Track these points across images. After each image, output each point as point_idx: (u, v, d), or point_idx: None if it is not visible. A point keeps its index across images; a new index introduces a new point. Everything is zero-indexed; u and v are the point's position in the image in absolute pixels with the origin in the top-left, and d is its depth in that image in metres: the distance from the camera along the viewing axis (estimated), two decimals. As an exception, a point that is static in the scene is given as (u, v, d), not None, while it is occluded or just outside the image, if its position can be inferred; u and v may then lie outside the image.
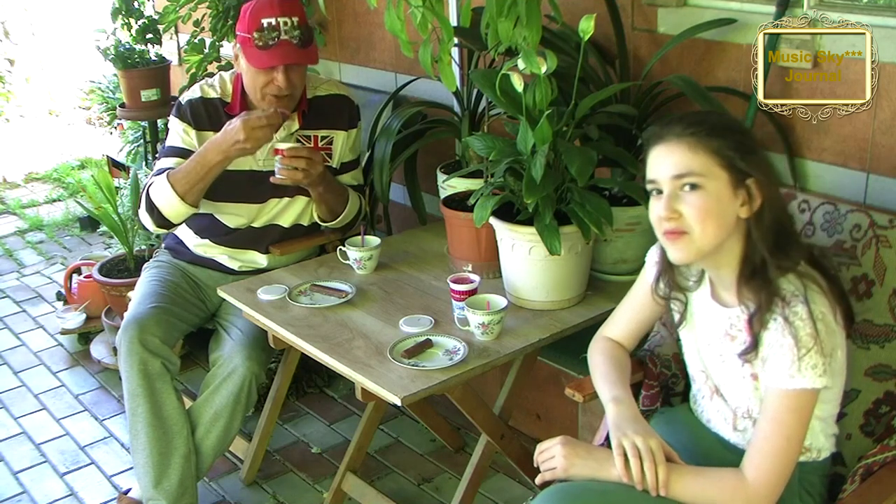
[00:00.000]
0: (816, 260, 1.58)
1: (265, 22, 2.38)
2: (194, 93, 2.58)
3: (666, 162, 1.52)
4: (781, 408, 1.49)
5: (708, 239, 1.52)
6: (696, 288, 1.70)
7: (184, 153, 2.51)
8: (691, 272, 1.70)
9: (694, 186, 1.50)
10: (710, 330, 1.65)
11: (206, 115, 2.54)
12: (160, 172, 2.50)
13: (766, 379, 1.51)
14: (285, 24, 2.39)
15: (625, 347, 1.85)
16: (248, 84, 2.50)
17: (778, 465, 1.49)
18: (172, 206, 2.46)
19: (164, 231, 2.62)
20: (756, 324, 1.52)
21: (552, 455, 1.62)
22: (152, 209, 2.48)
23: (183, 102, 2.57)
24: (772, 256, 1.52)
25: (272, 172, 2.47)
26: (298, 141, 2.59)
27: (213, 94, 2.57)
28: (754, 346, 1.53)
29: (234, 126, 2.37)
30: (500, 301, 2.08)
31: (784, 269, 1.52)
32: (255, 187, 2.56)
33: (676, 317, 1.75)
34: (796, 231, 1.63)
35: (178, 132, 2.55)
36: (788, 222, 1.59)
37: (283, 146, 2.43)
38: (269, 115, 2.38)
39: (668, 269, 1.70)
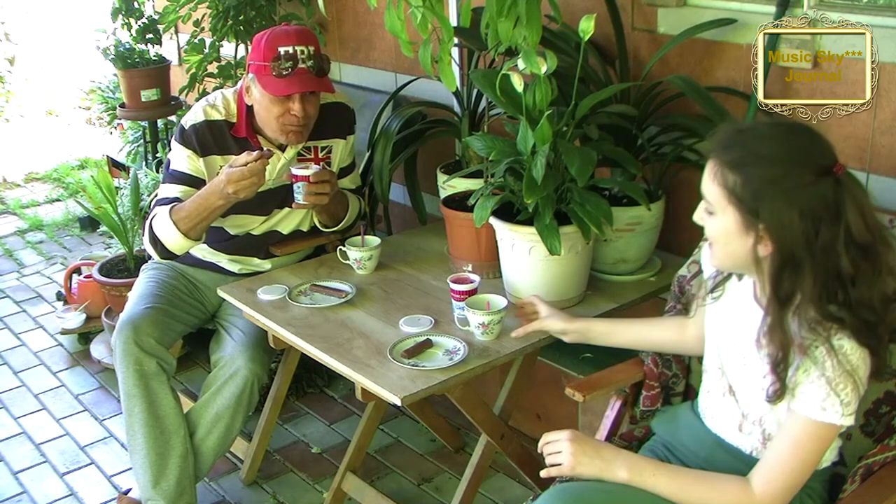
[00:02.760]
0: (858, 308, 1.44)
1: (282, 50, 2.36)
2: (197, 116, 2.51)
3: (703, 176, 1.52)
4: (804, 434, 1.47)
5: (720, 260, 1.56)
6: (742, 276, 1.65)
7: (190, 180, 2.48)
8: None
9: (709, 210, 1.52)
10: (741, 330, 1.60)
11: (213, 140, 2.50)
12: (163, 202, 2.47)
13: (795, 403, 1.47)
14: (302, 52, 2.37)
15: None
16: (262, 115, 2.46)
17: (788, 485, 1.49)
18: (176, 242, 2.44)
19: (170, 261, 2.60)
20: (782, 371, 1.46)
21: (559, 450, 1.60)
22: (156, 242, 2.46)
23: (186, 128, 2.50)
24: (783, 309, 1.45)
25: (282, 188, 2.47)
26: (300, 154, 2.58)
27: (217, 116, 2.51)
28: (783, 391, 1.47)
29: (221, 179, 2.33)
30: (500, 301, 2.08)
31: (802, 318, 1.44)
32: (263, 203, 2.55)
33: (713, 283, 1.69)
34: (830, 285, 1.43)
35: (183, 158, 2.50)
36: (820, 273, 1.42)
37: (304, 172, 2.39)
38: (252, 166, 2.30)
39: None
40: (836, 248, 1.41)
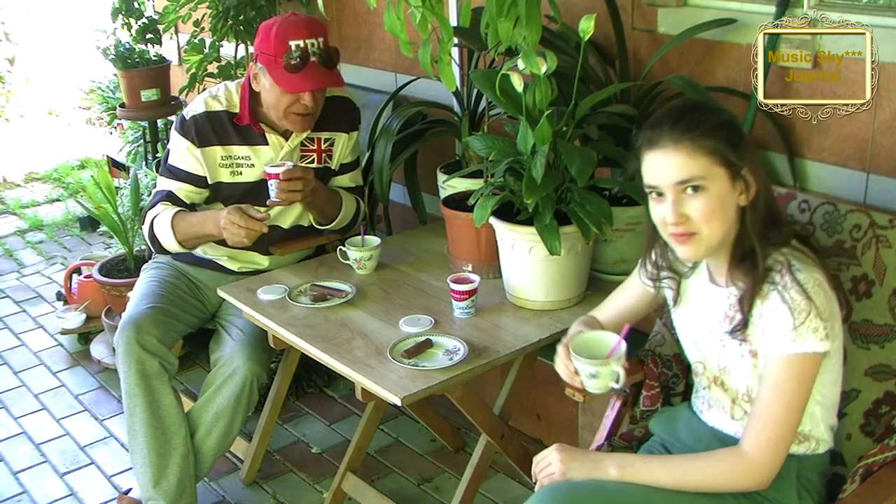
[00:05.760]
0: (804, 238, 1.62)
1: (293, 44, 2.37)
2: (198, 107, 2.53)
3: (666, 168, 1.53)
4: (783, 374, 1.49)
5: (716, 236, 1.56)
6: (690, 274, 1.71)
7: (186, 176, 2.52)
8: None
9: (697, 188, 1.52)
10: (710, 315, 1.65)
11: (212, 130, 2.52)
12: (161, 195, 2.53)
13: (766, 348, 1.52)
14: (313, 45, 2.39)
15: (600, 324, 1.86)
16: (270, 103, 2.47)
17: (778, 435, 1.50)
18: (171, 246, 2.52)
19: (168, 257, 2.68)
20: (747, 303, 1.55)
21: (549, 462, 1.63)
22: (154, 239, 2.53)
23: (186, 118, 2.53)
24: (762, 239, 1.55)
25: None
26: (302, 143, 2.59)
27: (217, 107, 2.53)
28: (745, 323, 1.55)
29: (223, 214, 2.39)
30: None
31: (773, 249, 1.55)
32: (263, 194, 2.56)
33: (670, 295, 1.75)
34: (782, 210, 1.67)
35: (181, 150, 2.52)
36: (775, 202, 1.62)
37: (275, 170, 2.41)
38: (251, 225, 2.36)
39: (657, 249, 1.72)
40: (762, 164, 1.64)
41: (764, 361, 1.53)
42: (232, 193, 2.55)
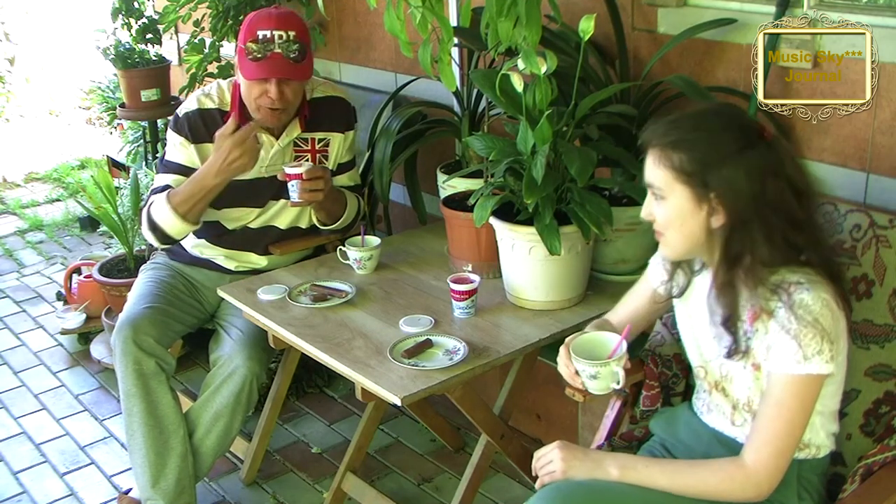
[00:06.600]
0: (820, 254, 1.56)
1: (260, 34, 2.38)
2: (191, 105, 2.55)
3: (645, 168, 1.57)
4: (786, 393, 1.49)
5: (677, 243, 1.58)
6: (700, 272, 1.69)
7: (182, 169, 2.52)
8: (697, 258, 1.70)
9: (659, 196, 1.56)
10: (714, 321, 1.64)
11: (204, 127, 2.53)
12: (159, 190, 2.52)
13: (770, 366, 1.51)
14: (280, 37, 2.38)
15: (613, 327, 1.85)
16: (244, 94, 2.49)
17: (778, 450, 1.50)
18: (174, 227, 2.46)
19: (169, 246, 2.63)
20: (732, 326, 1.55)
21: (550, 460, 1.63)
22: (155, 228, 2.49)
23: (180, 115, 2.55)
24: (731, 269, 1.53)
25: (277, 177, 2.48)
26: (296, 144, 2.59)
27: (210, 105, 2.55)
28: (736, 346, 1.55)
29: (225, 146, 2.37)
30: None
31: (755, 279, 1.51)
32: (257, 192, 2.56)
33: (676, 289, 1.73)
34: (787, 234, 1.51)
35: (176, 146, 2.54)
36: (774, 226, 1.50)
37: (296, 170, 2.40)
38: (241, 133, 2.37)
39: None
40: (785, 199, 1.49)
41: (767, 377, 1.53)
42: (228, 189, 2.53)
